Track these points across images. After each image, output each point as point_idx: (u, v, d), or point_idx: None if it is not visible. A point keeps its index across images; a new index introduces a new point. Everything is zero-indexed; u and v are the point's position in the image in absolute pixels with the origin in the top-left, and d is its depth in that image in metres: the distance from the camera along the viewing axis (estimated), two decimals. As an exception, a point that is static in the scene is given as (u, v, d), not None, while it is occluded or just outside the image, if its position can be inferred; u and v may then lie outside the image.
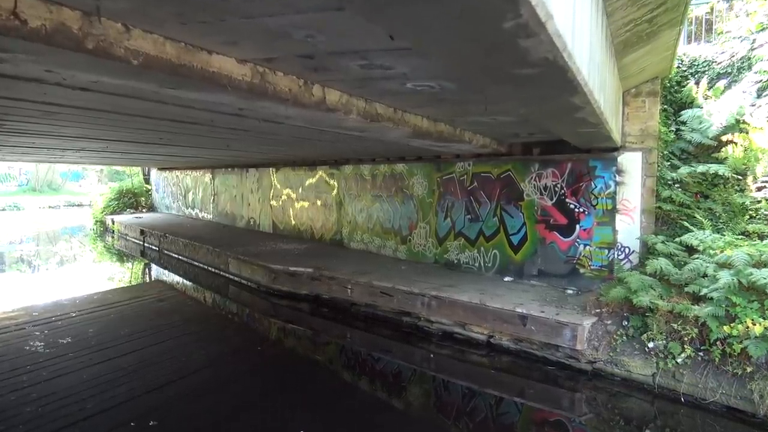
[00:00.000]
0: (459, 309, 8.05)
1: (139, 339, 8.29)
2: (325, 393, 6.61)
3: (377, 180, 12.54)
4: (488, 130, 7.63)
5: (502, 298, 8.00)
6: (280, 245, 13.91)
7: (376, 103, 5.02)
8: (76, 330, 8.74)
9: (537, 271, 9.22)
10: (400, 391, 7.16)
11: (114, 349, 7.66)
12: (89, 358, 7.28)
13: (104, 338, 8.26)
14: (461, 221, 10.53)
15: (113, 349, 7.65)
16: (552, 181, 8.97)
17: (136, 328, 9.03)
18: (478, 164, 10.21)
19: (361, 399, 6.67)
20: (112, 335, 8.45)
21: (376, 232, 12.63)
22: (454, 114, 5.84)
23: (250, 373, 7.27)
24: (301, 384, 6.78)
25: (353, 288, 9.53)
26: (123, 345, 7.89)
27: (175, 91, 3.30)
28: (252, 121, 5.19)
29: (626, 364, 6.47)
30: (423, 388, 7.37)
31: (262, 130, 6.43)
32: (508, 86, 3.17)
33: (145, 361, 7.30)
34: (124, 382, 6.51)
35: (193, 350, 8.02)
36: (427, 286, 8.77)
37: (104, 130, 6.86)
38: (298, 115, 4.52)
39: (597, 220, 8.44)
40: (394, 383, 7.40)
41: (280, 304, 10.73)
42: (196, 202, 21.71)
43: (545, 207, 9.06)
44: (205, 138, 7.71)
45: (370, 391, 7.12)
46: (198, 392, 6.48)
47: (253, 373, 7.33)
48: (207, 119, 5.14)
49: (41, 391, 6.19)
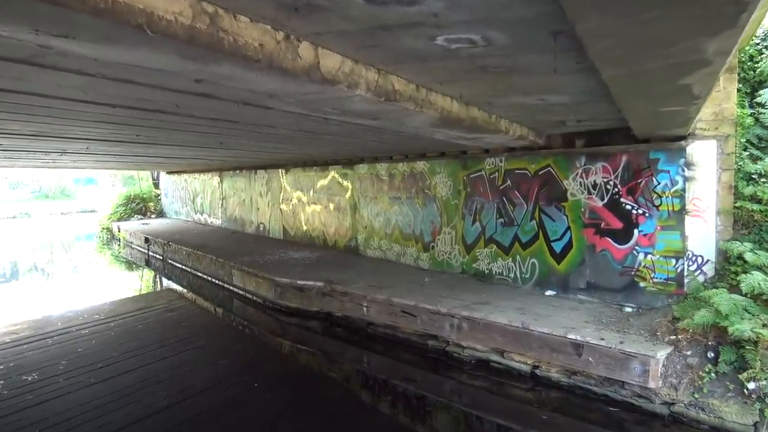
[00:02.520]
0: (496, 333, 6.70)
1: (143, 354, 7.64)
2: (340, 421, 5.74)
3: (395, 180, 11.22)
4: (529, 117, 6.27)
5: (548, 319, 6.63)
6: (290, 253, 12.68)
7: (392, 76, 3.71)
8: (77, 345, 8.10)
9: (585, 284, 7.81)
10: (426, 428, 5.96)
11: (115, 367, 7.08)
12: (87, 377, 6.73)
13: (106, 354, 7.65)
14: (492, 225, 9.15)
15: (114, 367, 7.09)
16: (603, 178, 7.56)
17: (140, 342, 8.33)
18: (511, 159, 8.83)
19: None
20: (115, 350, 7.81)
21: (395, 239, 11.31)
22: (494, 92, 4.50)
23: (258, 395, 6.44)
24: (313, 409, 6.02)
25: (370, 306, 8.23)
26: (126, 361, 7.29)
27: (67, 43, 2.04)
28: (228, 104, 3.93)
29: (717, 409, 5.05)
30: (453, 425, 6.05)
31: (250, 121, 5.18)
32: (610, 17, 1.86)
33: (148, 380, 6.70)
34: (123, 405, 5.95)
35: (199, 367, 7.28)
36: (455, 303, 7.44)
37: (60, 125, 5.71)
38: (282, 90, 3.24)
39: (660, 224, 7.01)
40: (418, 418, 6.19)
41: (288, 323, 9.49)
42: (204, 206, 20.64)
43: (595, 208, 7.65)
44: (189, 134, 6.48)
45: (391, 426, 5.93)
46: (202, 416, 5.80)
47: (262, 394, 6.50)
48: (169, 103, 3.90)
49: (31, 417, 5.61)
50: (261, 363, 7.81)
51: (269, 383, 6.85)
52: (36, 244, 22.42)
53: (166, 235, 17.19)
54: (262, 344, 9.07)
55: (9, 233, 26.12)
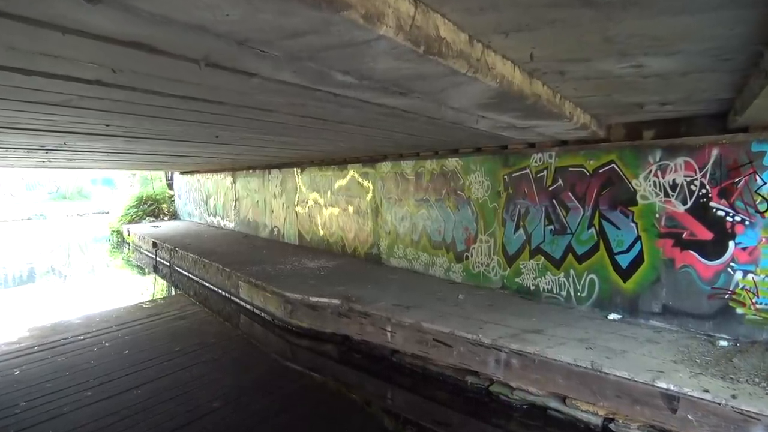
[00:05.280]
0: (557, 374, 5.27)
1: (149, 368, 7.02)
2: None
3: (422, 180, 9.83)
4: (602, 97, 4.83)
5: (624, 357, 5.17)
6: (305, 262, 11.38)
7: (435, 15, 2.35)
8: (80, 357, 7.47)
9: (660, 308, 6.32)
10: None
11: (119, 382, 6.46)
12: (88, 394, 6.12)
13: (110, 367, 7.02)
14: (540, 233, 7.71)
15: (118, 382, 6.47)
16: (685, 176, 6.07)
17: (147, 354, 7.65)
18: (563, 155, 7.37)
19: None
20: (120, 363, 7.19)
21: (423, 247, 9.91)
22: (579, 51, 3.10)
23: (268, 420, 5.72)
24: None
25: (395, 331, 6.86)
26: (130, 376, 6.69)
27: None
28: (188, 67, 2.60)
29: None
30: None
31: (236, 102, 3.87)
32: None
33: (153, 398, 6.05)
34: (124, 429, 5.29)
35: (208, 384, 6.60)
36: (500, 332, 6.03)
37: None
38: (254, 26, 1.89)
39: (766, 235, 5.49)
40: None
41: (299, 345, 8.19)
42: (217, 208, 19.49)
43: (674, 214, 6.16)
44: (171, 124, 5.20)
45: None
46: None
47: (273, 418, 5.78)
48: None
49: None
50: (272, 383, 6.88)
51: (280, 407, 6.02)
52: (45, 248, 21.59)
53: (175, 239, 16.07)
54: (273, 361, 7.95)
55: (20, 235, 25.45)
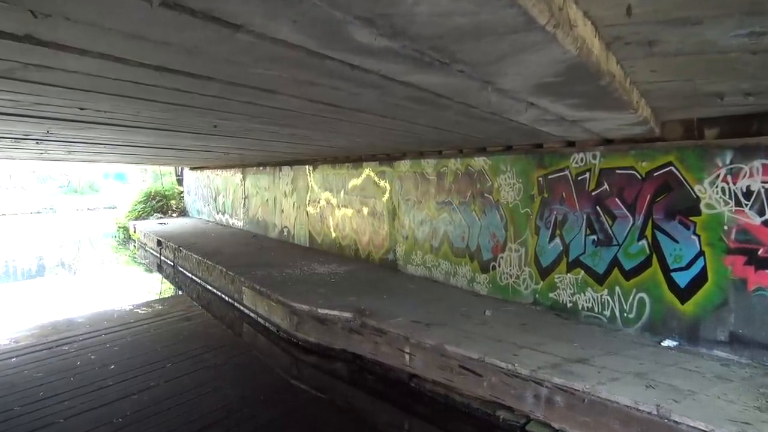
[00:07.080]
0: (612, 419, 4.36)
1: (149, 373, 6.64)
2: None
3: (445, 180, 8.94)
4: (680, 83, 3.93)
5: (694, 400, 4.26)
6: (315, 267, 10.56)
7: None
8: (77, 359, 7.10)
9: (727, 336, 5.38)
10: None
11: (117, 388, 6.11)
12: (82, 401, 5.72)
13: (109, 372, 6.64)
14: (580, 244, 6.79)
15: (116, 388, 6.13)
16: (763, 183, 5.13)
17: (148, 357, 7.27)
18: (609, 155, 6.46)
19: None
20: (119, 367, 6.80)
21: (444, 254, 9.03)
22: (687, 4, 2.22)
23: None
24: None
25: (414, 353, 6.00)
26: (129, 381, 6.34)
27: None
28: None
29: None
30: None
31: (225, 76, 3.04)
32: None
33: (152, 407, 5.67)
34: None
35: (209, 393, 6.17)
36: (540, 361, 5.14)
37: None
38: None
39: None
40: None
41: (305, 362, 7.37)
42: (226, 206, 18.76)
43: (748, 227, 5.22)
44: (157, 110, 4.39)
45: None
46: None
47: None
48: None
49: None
50: (276, 396, 6.34)
51: (285, 423, 5.62)
52: (51, 242, 21.04)
53: (181, 238, 15.35)
54: (278, 372, 7.31)
55: (28, 229, 24.98)
